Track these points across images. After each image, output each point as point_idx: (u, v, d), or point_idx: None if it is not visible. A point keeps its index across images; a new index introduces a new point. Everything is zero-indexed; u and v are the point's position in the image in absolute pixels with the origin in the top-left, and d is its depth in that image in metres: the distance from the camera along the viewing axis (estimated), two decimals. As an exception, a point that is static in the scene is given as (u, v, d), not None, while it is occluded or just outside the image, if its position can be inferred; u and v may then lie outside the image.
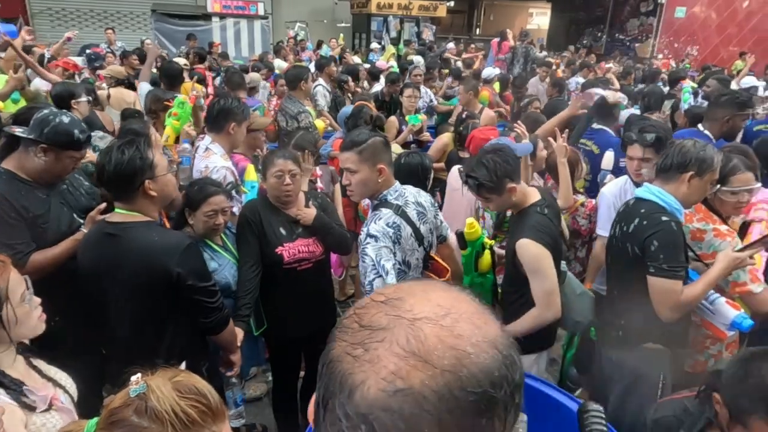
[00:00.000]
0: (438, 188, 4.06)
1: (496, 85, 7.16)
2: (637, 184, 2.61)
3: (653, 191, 2.13)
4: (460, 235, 2.40)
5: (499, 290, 2.53)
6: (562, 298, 2.28)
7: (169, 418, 0.93)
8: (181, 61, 5.70)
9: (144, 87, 4.67)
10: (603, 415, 1.12)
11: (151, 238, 1.88)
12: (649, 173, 2.59)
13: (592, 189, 3.48)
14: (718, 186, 2.24)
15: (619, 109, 4.18)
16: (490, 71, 7.49)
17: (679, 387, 2.07)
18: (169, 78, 4.61)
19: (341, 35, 11.91)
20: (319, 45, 12.02)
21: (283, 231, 2.47)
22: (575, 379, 3.11)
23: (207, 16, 13.52)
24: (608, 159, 3.40)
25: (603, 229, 2.79)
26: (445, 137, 4.48)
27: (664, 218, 2.05)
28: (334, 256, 3.22)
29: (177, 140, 3.43)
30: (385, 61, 9.95)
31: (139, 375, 0.97)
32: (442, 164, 4.25)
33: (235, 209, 2.68)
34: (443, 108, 6.55)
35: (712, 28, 14.44)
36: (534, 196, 2.33)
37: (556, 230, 2.33)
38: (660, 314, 2.05)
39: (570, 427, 1.47)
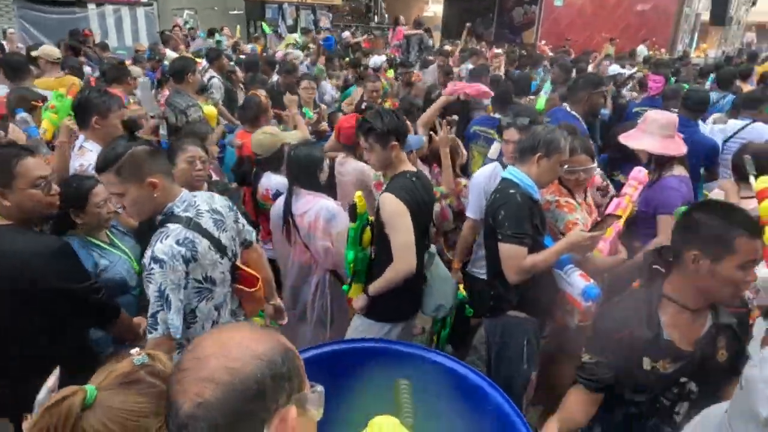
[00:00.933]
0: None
1: (390, 72, 7.28)
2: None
3: (512, 171, 2.39)
4: (352, 207, 2.48)
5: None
6: (429, 281, 2.51)
7: None
8: (54, 52, 5.18)
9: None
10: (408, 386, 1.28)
11: (15, 246, 1.78)
12: None
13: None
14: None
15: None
16: (377, 59, 7.61)
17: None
18: (13, 70, 4.19)
19: (237, 27, 11.44)
20: (210, 33, 11.47)
21: None
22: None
23: (82, 3, 12.34)
24: (495, 149, 3.59)
25: (471, 212, 3.02)
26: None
27: (512, 191, 2.31)
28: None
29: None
30: (283, 50, 9.74)
31: (137, 348, 1.05)
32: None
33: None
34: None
35: (587, 16, 15.68)
36: (409, 166, 2.48)
37: (422, 198, 2.44)
38: (508, 277, 2.29)
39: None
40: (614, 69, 7.65)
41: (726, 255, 1.46)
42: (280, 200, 2.99)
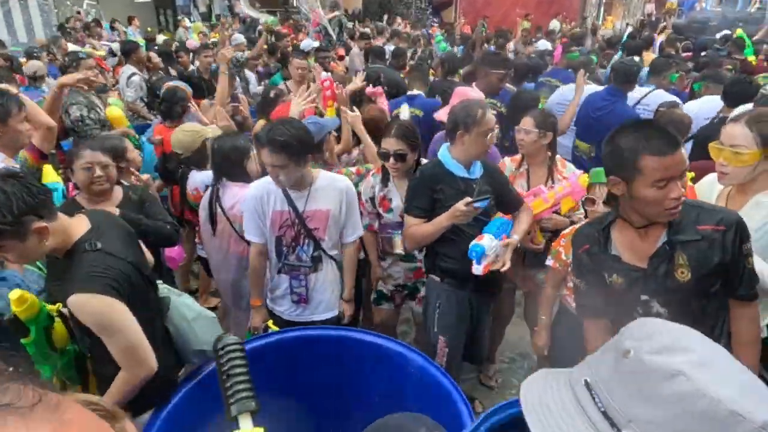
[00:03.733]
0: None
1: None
2: None
3: (441, 152, 2.51)
4: (14, 321, 1.74)
5: None
6: (173, 330, 2.00)
7: None
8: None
9: None
10: (238, 347, 1.04)
11: None
12: None
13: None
14: None
15: None
16: (309, 43, 7.42)
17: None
18: None
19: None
20: (112, 26, 10.67)
21: None
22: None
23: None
24: (405, 111, 3.74)
25: None
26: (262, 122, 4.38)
27: (421, 168, 2.56)
28: (173, 250, 3.04)
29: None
30: (195, 39, 9.29)
31: None
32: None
33: None
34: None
35: (504, -8, 16.07)
36: (80, 228, 1.73)
37: (127, 254, 1.76)
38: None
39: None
40: (543, 44, 7.89)
41: (635, 176, 1.51)
42: (206, 195, 2.91)
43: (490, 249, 2.26)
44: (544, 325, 2.53)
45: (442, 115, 3.49)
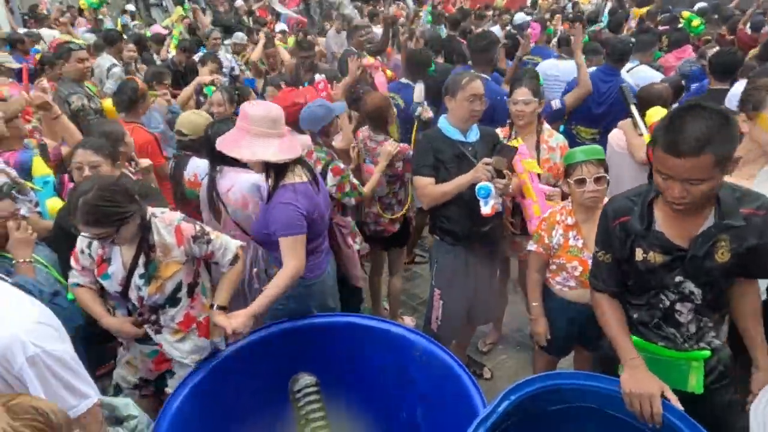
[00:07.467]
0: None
1: (291, 40, 7.02)
2: None
3: (441, 119, 2.76)
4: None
5: None
6: None
7: None
8: None
9: None
10: (315, 388, 1.07)
11: None
12: None
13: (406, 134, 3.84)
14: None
15: None
16: (283, 25, 7.31)
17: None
18: None
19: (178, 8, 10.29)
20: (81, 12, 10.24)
21: None
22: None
23: None
24: (419, 91, 3.86)
25: None
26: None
27: (424, 132, 2.84)
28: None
29: None
30: (170, 24, 9.02)
31: None
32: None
33: (23, 211, 2.39)
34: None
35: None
36: None
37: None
38: (421, 204, 2.81)
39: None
40: (520, 17, 7.85)
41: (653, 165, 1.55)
42: (205, 184, 2.86)
43: (495, 189, 2.46)
44: (538, 311, 2.55)
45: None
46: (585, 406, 1.69)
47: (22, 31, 7.58)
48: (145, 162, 3.01)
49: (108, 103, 4.17)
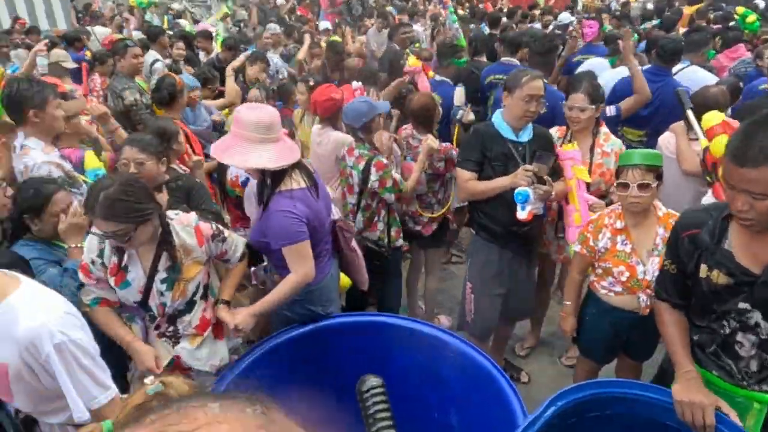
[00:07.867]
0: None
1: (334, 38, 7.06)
2: None
3: (495, 114, 2.72)
4: None
5: None
6: None
7: None
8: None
9: None
10: (381, 389, 1.04)
11: None
12: None
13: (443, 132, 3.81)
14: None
15: None
16: (324, 23, 7.37)
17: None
18: None
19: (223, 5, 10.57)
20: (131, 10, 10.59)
21: None
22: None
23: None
24: (459, 94, 3.79)
25: None
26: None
27: (476, 126, 2.83)
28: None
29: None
30: (216, 21, 9.23)
31: (152, 377, 0.99)
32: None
33: (75, 204, 2.39)
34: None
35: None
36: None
37: None
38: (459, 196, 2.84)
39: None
40: (565, 17, 7.68)
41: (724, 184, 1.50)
42: (253, 182, 2.87)
43: (534, 195, 2.42)
44: (569, 310, 2.52)
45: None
46: (618, 413, 1.65)
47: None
48: (195, 158, 3.07)
49: None
